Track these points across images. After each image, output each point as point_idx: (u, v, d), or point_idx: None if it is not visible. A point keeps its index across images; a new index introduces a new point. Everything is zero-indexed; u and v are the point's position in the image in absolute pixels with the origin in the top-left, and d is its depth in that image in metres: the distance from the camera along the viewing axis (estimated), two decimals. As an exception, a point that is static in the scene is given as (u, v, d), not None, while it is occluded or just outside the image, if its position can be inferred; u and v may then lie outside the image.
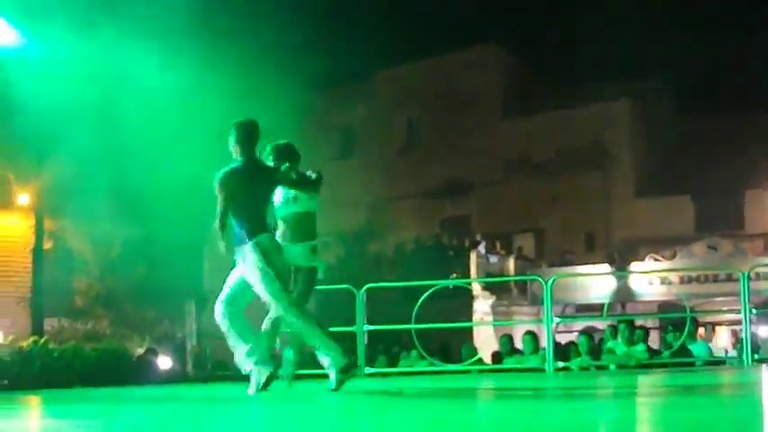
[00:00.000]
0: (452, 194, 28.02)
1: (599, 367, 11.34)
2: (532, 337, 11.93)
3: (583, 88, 26.73)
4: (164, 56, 14.22)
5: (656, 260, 21.62)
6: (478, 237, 24.65)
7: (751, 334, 10.78)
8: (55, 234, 16.63)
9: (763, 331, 16.04)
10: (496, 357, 12.69)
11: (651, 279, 21.02)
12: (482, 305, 21.74)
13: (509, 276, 22.69)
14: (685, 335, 11.15)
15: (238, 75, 15.96)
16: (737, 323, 12.53)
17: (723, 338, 19.05)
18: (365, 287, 11.05)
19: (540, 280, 11.69)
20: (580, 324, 17.26)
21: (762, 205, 24.64)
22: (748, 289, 10.42)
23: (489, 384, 8.77)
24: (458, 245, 24.65)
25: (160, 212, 15.74)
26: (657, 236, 24.17)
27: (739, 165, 24.03)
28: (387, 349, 14.05)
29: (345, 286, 10.88)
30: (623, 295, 21.20)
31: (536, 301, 19.31)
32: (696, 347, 11.62)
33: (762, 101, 24.71)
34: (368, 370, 11.10)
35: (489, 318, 21.53)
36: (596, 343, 12.19)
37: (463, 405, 5.65)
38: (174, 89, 14.08)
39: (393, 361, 13.49)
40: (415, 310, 11.08)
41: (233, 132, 6.61)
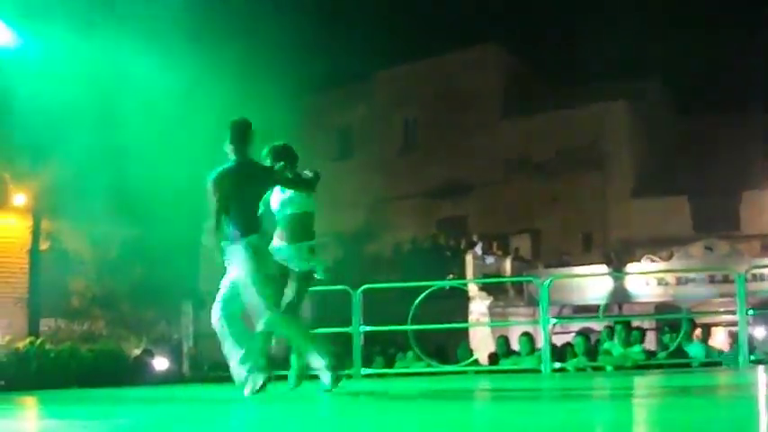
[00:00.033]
0: (450, 195, 27.98)
1: (595, 368, 11.34)
2: (529, 339, 11.93)
3: (582, 89, 26.71)
4: (162, 56, 14.20)
5: (653, 261, 21.63)
6: (475, 237, 24.67)
7: (747, 335, 10.80)
8: (52, 235, 16.59)
9: (759, 332, 16.07)
10: (493, 358, 12.69)
11: (648, 280, 21.02)
12: (479, 306, 21.76)
13: (506, 277, 22.69)
14: (682, 336, 11.17)
15: (237, 75, 15.95)
16: (734, 324, 12.52)
17: (720, 340, 19.04)
18: (362, 288, 11.05)
19: (537, 281, 11.69)
20: (577, 325, 17.22)
21: (759, 206, 24.64)
22: (745, 290, 10.43)
23: (486, 385, 8.77)
24: (455, 245, 24.65)
25: (157, 213, 15.73)
26: (654, 237, 24.17)
27: (736, 165, 24.03)
28: (383, 350, 14.05)
29: (342, 287, 10.87)
30: (620, 296, 21.20)
31: (532, 302, 19.31)
32: (692, 349, 11.64)
33: (759, 101, 24.72)
34: (364, 371, 11.10)
35: (486, 319, 21.55)
36: (593, 344, 12.20)
37: (460, 406, 5.65)
38: (173, 89, 14.07)
39: (389, 362, 13.49)
40: (412, 311, 11.08)
41: (227, 132, 6.61)
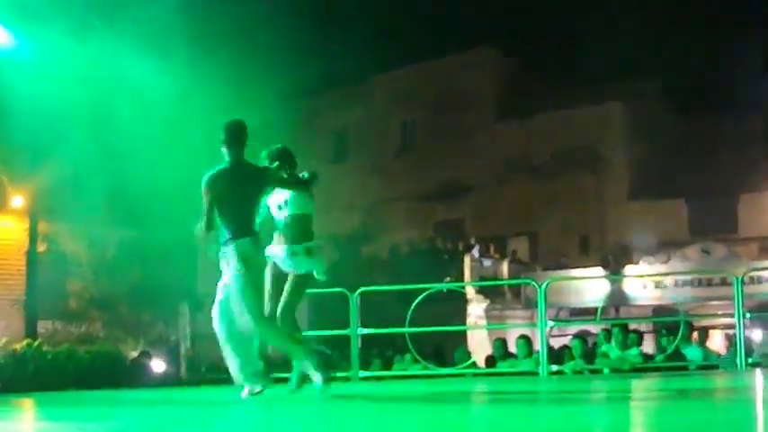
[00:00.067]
0: (447, 197, 27.96)
1: (593, 371, 11.35)
2: (526, 341, 11.93)
3: (580, 90, 26.65)
4: (158, 58, 14.21)
5: (650, 264, 21.64)
6: (472, 240, 24.66)
7: (745, 338, 10.80)
8: (49, 237, 16.59)
9: (756, 335, 16.08)
10: (490, 361, 12.69)
11: (645, 283, 21.03)
12: (476, 309, 21.76)
13: (503, 280, 22.69)
14: (679, 339, 11.17)
15: (234, 77, 15.95)
16: (731, 327, 12.53)
17: (717, 342, 19.06)
18: (359, 290, 11.05)
19: (534, 284, 11.69)
20: (574, 328, 17.23)
21: (756, 209, 24.63)
22: (742, 293, 10.43)
23: (483, 388, 8.77)
24: (452, 248, 24.64)
25: (154, 215, 15.74)
26: (651, 239, 24.18)
27: (733, 168, 24.03)
28: (381, 353, 14.06)
29: (339, 289, 10.86)
30: (617, 299, 21.21)
31: (530, 305, 19.31)
32: (690, 351, 11.65)
33: (758, 103, 24.73)
34: (362, 373, 11.10)
35: (483, 321, 21.56)
36: (590, 347, 12.22)
37: (457, 409, 5.65)
38: (169, 91, 14.07)
39: (387, 364, 13.50)
40: (409, 314, 11.07)
41: (220, 133, 6.60)
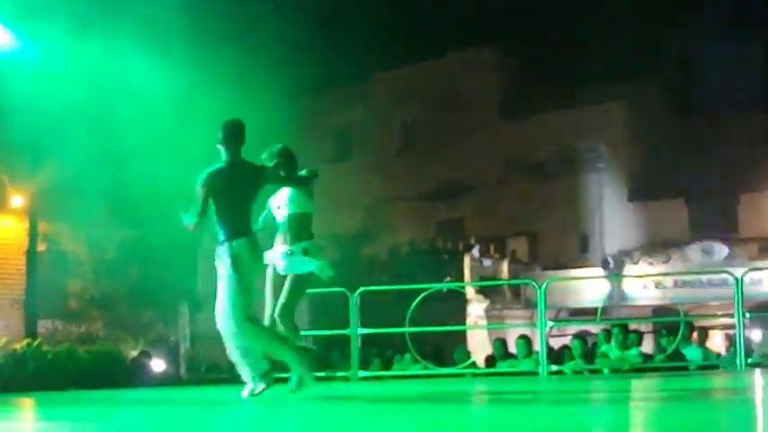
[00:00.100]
0: (448, 197, 27.94)
1: (592, 371, 11.35)
2: (526, 341, 11.93)
3: (580, 89, 26.66)
4: (160, 57, 14.21)
5: (650, 264, 21.64)
6: (472, 240, 24.65)
7: (744, 338, 10.80)
8: (49, 236, 16.60)
9: (756, 335, 16.08)
10: (490, 361, 12.68)
11: (645, 283, 21.04)
12: (476, 309, 21.76)
13: (503, 280, 22.69)
14: (679, 339, 11.17)
15: (235, 76, 15.96)
16: (731, 327, 12.53)
17: (717, 342, 19.07)
18: (359, 290, 11.04)
19: (534, 284, 11.69)
20: (574, 328, 17.23)
21: (756, 209, 24.63)
22: (742, 293, 10.43)
23: (483, 388, 8.77)
24: (452, 248, 24.63)
25: (154, 215, 15.73)
26: (651, 239, 24.18)
27: (734, 168, 24.03)
28: (381, 353, 14.05)
29: (340, 289, 10.86)
30: (617, 299, 21.22)
31: (529, 305, 19.33)
32: (690, 352, 11.64)
33: (758, 103, 24.72)
34: (362, 373, 11.10)
35: (483, 321, 21.57)
36: (590, 347, 12.21)
37: (457, 409, 5.65)
38: (170, 91, 14.07)
39: (387, 364, 13.49)
40: (409, 314, 11.07)
41: (218, 132, 6.60)
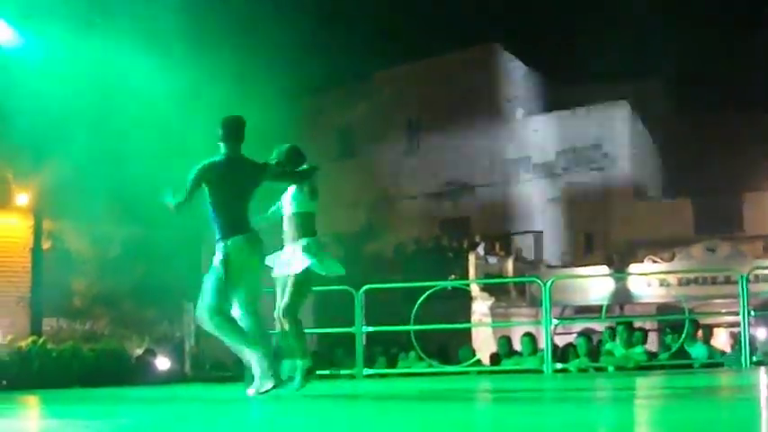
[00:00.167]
0: (452, 195, 27.97)
1: (597, 369, 11.34)
2: (531, 339, 11.92)
3: (584, 89, 26.67)
4: (162, 56, 14.21)
5: (655, 262, 21.60)
6: (477, 238, 24.64)
7: (749, 336, 10.78)
8: (54, 234, 16.62)
9: (761, 333, 16.05)
10: (495, 359, 12.68)
11: (650, 281, 20.98)
12: (481, 306, 21.72)
13: (508, 278, 22.66)
14: (684, 337, 11.16)
15: (237, 75, 15.95)
16: (736, 325, 12.50)
17: (722, 341, 19.03)
18: (364, 288, 11.04)
19: (539, 281, 11.68)
20: (578, 326, 17.22)
21: (761, 207, 24.59)
22: (747, 291, 10.42)
23: (487, 386, 8.77)
24: (457, 246, 24.62)
25: (159, 212, 15.71)
26: (656, 237, 24.14)
27: (738, 166, 24.01)
28: (385, 350, 14.05)
29: (344, 287, 10.86)
30: (622, 297, 21.16)
31: (534, 303, 19.29)
32: (695, 350, 11.62)
33: (762, 101, 24.68)
34: (366, 371, 11.10)
35: (488, 319, 21.52)
36: (595, 345, 12.20)
37: (461, 407, 5.65)
38: (173, 89, 14.07)
39: (392, 362, 13.49)
40: (414, 312, 11.07)
41: (218, 128, 6.61)
